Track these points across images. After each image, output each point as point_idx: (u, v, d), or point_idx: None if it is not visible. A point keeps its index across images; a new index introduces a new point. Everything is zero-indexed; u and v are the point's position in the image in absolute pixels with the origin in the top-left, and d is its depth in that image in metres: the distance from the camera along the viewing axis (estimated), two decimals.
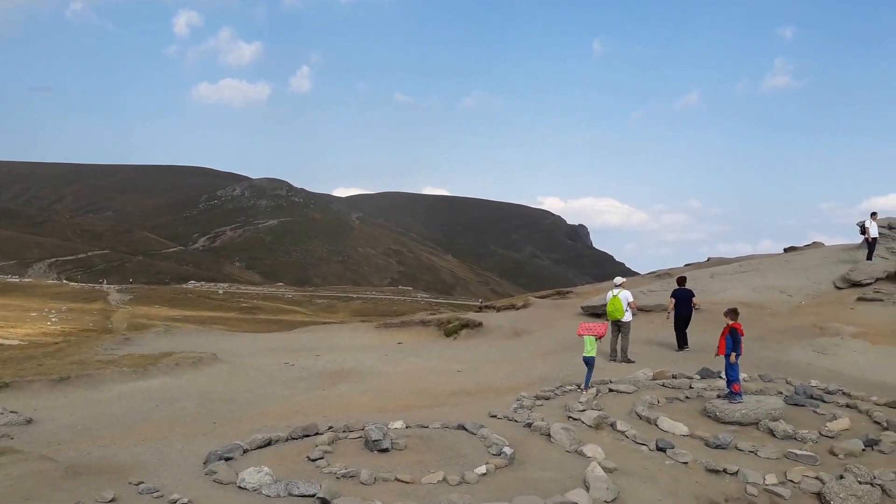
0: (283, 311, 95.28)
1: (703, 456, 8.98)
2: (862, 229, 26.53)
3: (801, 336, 17.75)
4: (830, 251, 31.07)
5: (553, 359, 16.17)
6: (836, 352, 16.01)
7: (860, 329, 18.45)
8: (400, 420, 10.14)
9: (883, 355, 15.92)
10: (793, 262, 29.48)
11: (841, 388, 12.58)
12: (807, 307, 22.61)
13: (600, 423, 10.16)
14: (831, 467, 8.68)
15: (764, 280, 26.29)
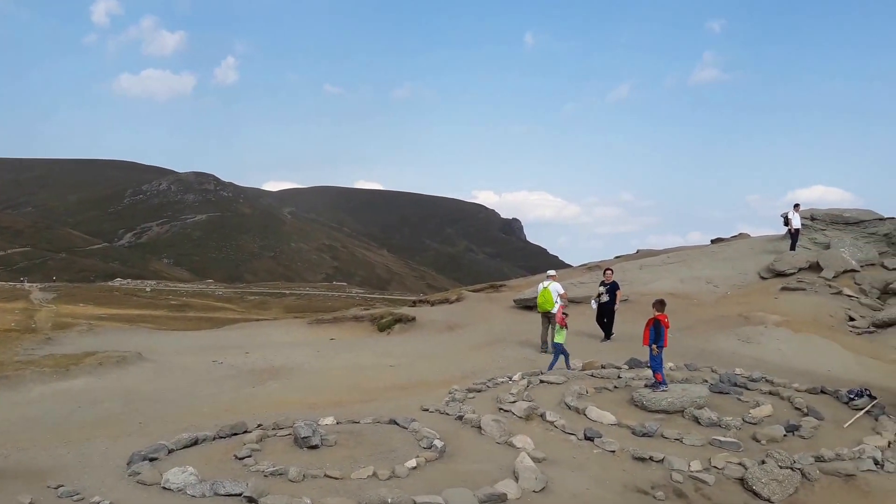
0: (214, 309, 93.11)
1: (630, 444, 9.10)
2: (786, 221, 27.54)
3: (726, 325, 18.25)
4: (756, 242, 32.16)
5: (486, 351, 16.19)
6: (759, 340, 16.51)
7: (783, 318, 19.09)
8: (331, 416, 9.97)
9: (805, 343, 16.50)
10: (719, 253, 30.38)
11: (764, 375, 12.94)
12: (732, 297, 23.31)
13: (530, 414, 10.20)
14: (754, 453, 8.91)
15: (691, 271, 27.01)
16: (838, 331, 18.88)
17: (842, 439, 9.56)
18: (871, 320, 20.02)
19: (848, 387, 12.08)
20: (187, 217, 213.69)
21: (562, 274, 31.30)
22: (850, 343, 17.41)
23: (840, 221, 29.84)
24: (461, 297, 25.69)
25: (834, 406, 11.26)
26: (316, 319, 24.26)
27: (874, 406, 10.88)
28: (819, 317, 19.84)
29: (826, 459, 8.71)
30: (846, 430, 10.05)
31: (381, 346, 18.13)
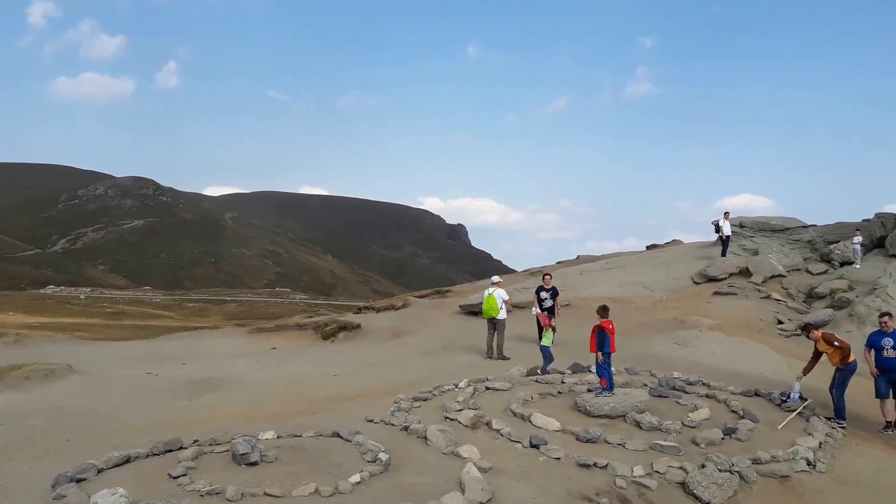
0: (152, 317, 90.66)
1: (574, 450, 9.18)
2: (716, 228, 28.45)
3: (663, 329, 18.66)
4: (688, 248, 33.07)
5: (432, 359, 16.15)
6: (695, 344, 16.94)
7: (717, 322, 19.66)
8: (271, 430, 9.74)
9: (737, 346, 17.01)
10: (654, 258, 31.12)
11: (701, 378, 13.28)
12: (668, 301, 23.87)
13: (476, 423, 10.21)
14: (694, 456, 9.11)
15: (628, 276, 27.57)
16: (768, 334, 19.55)
17: (776, 441, 9.88)
18: (798, 323, 20.81)
19: (779, 388, 12.53)
20: (124, 222, 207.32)
21: (507, 279, 31.55)
22: (780, 345, 18.04)
23: (767, 229, 30.97)
24: (407, 304, 25.60)
25: (767, 408, 11.64)
26: (257, 328, 23.78)
27: (805, 407, 11.28)
28: (750, 320, 20.51)
29: (762, 461, 8.98)
30: (780, 431, 10.39)
31: (325, 354, 17.88)
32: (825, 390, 12.37)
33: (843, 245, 27.34)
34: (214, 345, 21.31)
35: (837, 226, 30.73)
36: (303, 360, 17.03)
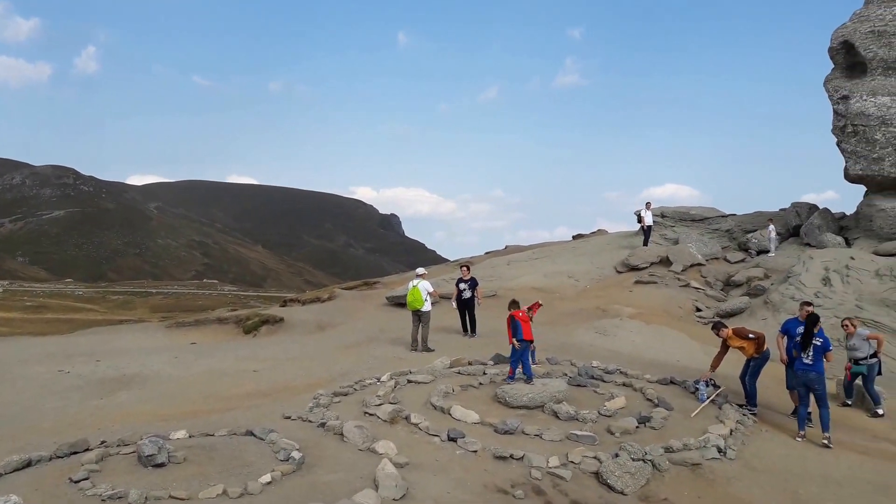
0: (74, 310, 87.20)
1: (492, 443, 9.18)
2: (639, 218, 29.13)
3: (585, 318, 18.97)
4: (613, 238, 33.76)
5: (356, 352, 15.94)
6: (615, 332, 17.26)
7: (637, 310, 20.10)
8: (183, 429, 9.40)
9: (656, 334, 17.42)
10: (580, 248, 31.65)
11: (619, 367, 13.52)
12: (591, 290, 24.30)
13: (395, 417, 10.10)
14: (609, 446, 9.22)
15: (554, 266, 27.95)
16: (686, 321, 20.12)
17: (689, 429, 10.11)
18: (716, 311, 21.51)
19: (695, 376, 12.83)
20: (44, 213, 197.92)
21: (437, 269, 31.53)
22: (697, 333, 18.58)
23: (687, 218, 31.94)
24: (333, 296, 25.25)
25: (682, 396, 11.92)
26: (176, 322, 22.99)
27: (718, 395, 11.60)
28: (669, 308, 21.07)
29: (675, 450, 9.15)
30: (693, 419, 10.64)
31: (246, 349, 17.43)
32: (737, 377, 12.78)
33: (760, 234, 28.42)
34: (131, 340, 20.51)
35: (755, 215, 31.90)
36: (222, 355, 16.55)
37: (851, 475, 9.19)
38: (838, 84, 26.83)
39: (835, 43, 27.38)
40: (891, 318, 18.19)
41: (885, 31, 25.47)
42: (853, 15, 27.37)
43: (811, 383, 10.36)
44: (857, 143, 25.61)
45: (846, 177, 26.48)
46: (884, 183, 25.15)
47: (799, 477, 9.04)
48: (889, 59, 25.24)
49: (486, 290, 23.66)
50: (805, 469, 9.28)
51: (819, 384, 10.35)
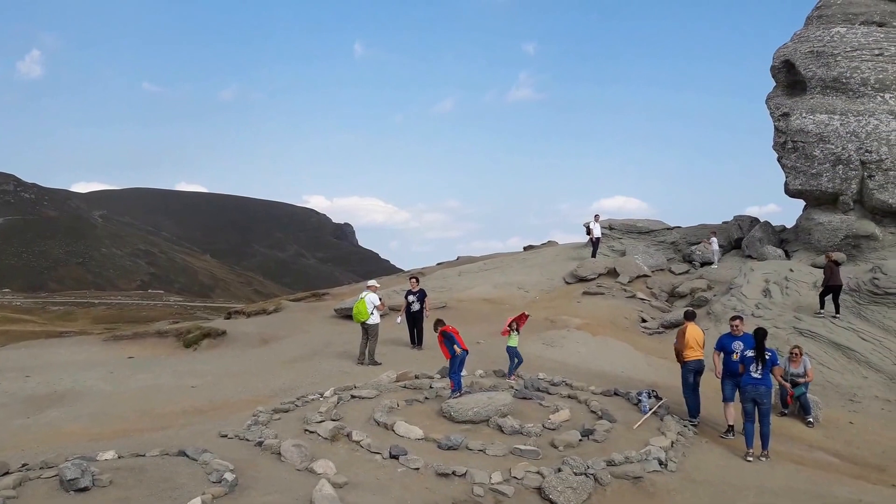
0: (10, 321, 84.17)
1: (435, 459, 9.04)
2: (587, 230, 29.45)
3: (534, 329, 18.95)
4: (562, 249, 34.04)
5: (300, 366, 15.61)
6: (562, 344, 17.30)
7: (584, 321, 20.22)
8: (112, 450, 8.98)
9: (602, 345, 17.52)
10: (530, 259, 31.82)
11: (565, 379, 13.53)
12: (541, 301, 24.40)
13: (336, 435, 9.87)
14: (552, 460, 9.17)
15: (505, 277, 28.02)
16: (632, 332, 20.33)
17: (632, 441, 10.13)
18: (661, 321, 21.81)
19: (639, 387, 12.93)
20: None
21: (388, 281, 31.30)
22: (642, 343, 18.78)
23: (634, 231, 32.41)
24: (280, 308, 24.78)
25: (626, 407, 11.97)
26: (113, 336, 22.25)
27: (660, 406, 11.69)
28: (615, 319, 21.26)
29: (616, 463, 9.15)
30: (636, 431, 10.68)
31: (185, 364, 16.91)
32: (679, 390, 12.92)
33: (704, 246, 28.97)
34: (65, 354, 19.73)
35: (699, 227, 32.54)
36: (160, 370, 16.03)
37: (787, 485, 9.32)
38: (779, 101, 27.61)
39: (776, 62, 28.20)
40: (826, 329, 18.65)
41: (824, 52, 26.31)
42: (794, 35, 28.25)
43: (760, 397, 10.34)
44: (796, 158, 26.34)
45: (786, 191, 27.20)
46: (821, 198, 25.90)
47: (736, 488, 9.13)
48: (827, 78, 26.06)
49: (437, 301, 23.56)
50: (743, 480, 9.39)
51: (767, 398, 10.40)
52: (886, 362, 16.92)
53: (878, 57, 25.50)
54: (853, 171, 24.74)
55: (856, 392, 15.97)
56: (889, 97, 24.90)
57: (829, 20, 27.32)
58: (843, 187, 25.00)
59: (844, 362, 17.26)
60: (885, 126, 24.45)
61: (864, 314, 19.19)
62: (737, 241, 30.01)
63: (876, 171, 24.24)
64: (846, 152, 24.85)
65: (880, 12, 26.77)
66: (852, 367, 17.04)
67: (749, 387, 10.41)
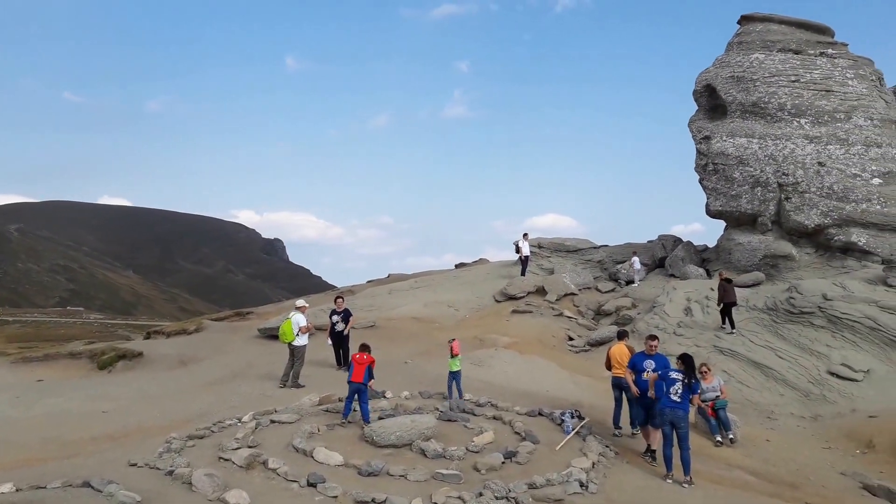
0: None
1: (354, 486, 8.78)
2: (517, 248, 29.67)
3: (463, 349, 18.74)
4: (493, 267, 34.21)
5: (219, 389, 15.06)
6: (490, 363, 17.25)
7: (513, 340, 20.26)
8: (10, 482, 8.40)
9: (529, 364, 17.55)
10: (461, 277, 31.85)
11: (490, 399, 13.46)
12: (470, 320, 24.37)
13: (252, 463, 9.50)
14: (474, 484, 9.03)
15: (435, 295, 27.91)
16: (559, 350, 20.48)
17: (554, 463, 10.09)
18: (587, 339, 22.08)
19: (563, 407, 12.96)
20: None
21: (317, 299, 30.76)
22: (568, 362, 18.92)
23: (562, 249, 32.91)
24: (201, 327, 23.96)
25: (549, 428, 11.97)
26: (23, 357, 21.04)
27: (583, 426, 11.72)
28: (543, 338, 21.40)
29: (538, 486, 9.07)
30: (558, 452, 10.66)
31: (98, 387, 16.08)
32: (603, 408, 13.03)
33: (628, 265, 29.57)
34: None
35: (625, 246, 33.26)
36: (70, 393, 15.20)
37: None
38: (701, 125, 28.58)
39: (699, 86, 29.22)
40: (745, 347, 19.22)
41: (744, 77, 27.42)
42: (716, 60, 29.37)
43: (678, 420, 10.32)
44: (717, 180, 27.25)
45: (707, 212, 28.08)
46: (741, 219, 26.84)
47: None
48: (747, 102, 27.14)
49: (365, 320, 23.25)
50: (661, 500, 9.44)
51: (685, 422, 10.37)
52: (802, 380, 17.52)
53: (795, 83, 26.73)
54: (771, 193, 25.74)
55: (773, 409, 16.45)
56: (804, 122, 26.08)
57: (748, 47, 28.53)
58: (761, 209, 25.96)
59: (762, 380, 17.79)
60: (801, 150, 25.58)
61: (780, 332, 19.87)
62: (661, 259, 30.76)
63: (792, 193, 25.27)
64: (764, 175, 25.86)
65: (796, 40, 28.13)
66: (770, 385, 17.57)
67: (667, 409, 10.43)
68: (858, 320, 19.06)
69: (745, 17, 30.20)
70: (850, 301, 19.93)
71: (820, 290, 20.67)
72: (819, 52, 27.82)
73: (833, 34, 29.19)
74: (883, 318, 18.93)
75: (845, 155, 25.26)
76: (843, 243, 24.27)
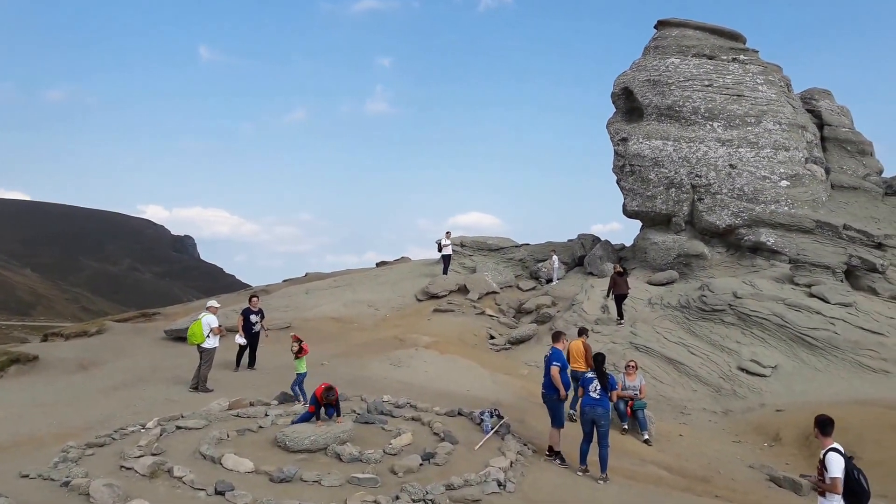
0: None
1: (265, 494, 8.37)
2: (439, 247, 29.53)
3: (382, 349, 18.56)
4: (415, 265, 33.97)
5: (122, 394, 14.22)
6: (410, 363, 16.99)
7: (433, 339, 20.06)
8: None
9: (449, 364, 17.38)
10: (382, 276, 31.45)
11: (409, 400, 13.21)
12: (391, 320, 24.05)
13: (155, 471, 8.95)
14: (391, 487, 8.77)
15: (355, 294, 27.45)
16: (480, 349, 20.43)
17: (472, 463, 9.94)
18: (508, 338, 22.13)
19: (483, 406, 12.84)
20: None
21: (229, 299, 29.71)
22: (489, 360, 18.87)
23: (485, 248, 33.03)
24: (103, 329, 22.67)
25: (469, 428, 11.84)
26: None
27: (501, 426, 11.62)
28: (464, 336, 21.31)
29: (455, 487, 8.90)
30: (477, 452, 10.51)
31: None
32: (522, 407, 12.99)
33: (549, 263, 29.92)
34: None
35: (546, 245, 33.66)
36: None
37: (619, 501, 9.49)
38: (619, 127, 29.19)
39: (616, 89, 29.85)
40: (660, 344, 19.68)
41: (660, 81, 28.17)
42: (633, 64, 30.06)
43: (598, 418, 10.40)
44: (633, 181, 27.89)
45: (624, 212, 28.72)
46: (656, 219, 27.55)
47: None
48: (662, 106, 27.88)
49: (281, 321, 22.57)
50: (578, 498, 9.46)
51: (605, 419, 10.46)
52: (713, 376, 18.06)
53: (708, 87, 27.65)
54: (685, 195, 26.52)
55: (686, 405, 16.87)
56: (717, 125, 27.00)
57: (664, 51, 29.34)
58: (675, 209, 26.73)
59: (676, 376, 18.24)
60: (714, 152, 26.47)
61: (693, 329, 20.46)
62: (580, 258, 31.26)
63: (705, 194, 26.12)
64: (678, 176, 26.62)
65: (710, 46, 29.11)
66: (683, 381, 18.03)
67: (587, 407, 10.52)
68: (767, 317, 19.83)
69: (661, 22, 31.04)
70: (758, 299, 20.73)
71: (730, 289, 21.43)
72: (731, 58, 28.87)
73: (745, 41, 30.35)
74: (790, 315, 19.77)
75: (755, 158, 26.30)
76: (752, 243, 25.24)
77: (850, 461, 7.29)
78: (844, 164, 29.61)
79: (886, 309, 21.24)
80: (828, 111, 30.92)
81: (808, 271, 23.44)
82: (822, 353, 18.63)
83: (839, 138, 30.14)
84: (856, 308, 20.62)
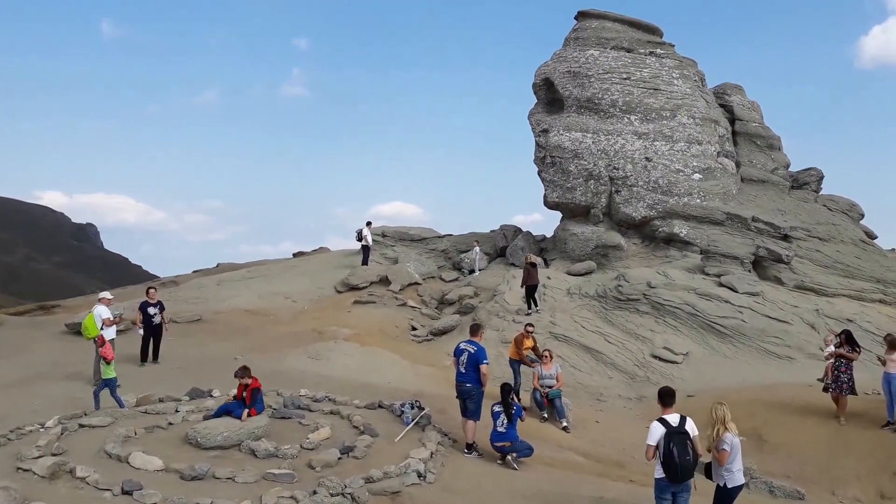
0: None
1: (176, 492, 8.01)
2: (359, 237, 29.18)
3: (299, 342, 18.15)
4: (334, 256, 33.47)
5: (18, 392, 13.38)
6: (329, 356, 16.67)
7: (354, 331, 19.79)
8: None
9: (370, 356, 17.17)
10: (299, 267, 30.87)
11: (328, 394, 12.96)
12: (310, 312, 23.59)
13: (56, 472, 8.44)
14: (308, 482, 8.55)
15: (270, 286, 26.82)
16: (402, 340, 20.30)
17: (392, 455, 9.80)
18: (430, 329, 22.09)
19: (404, 398, 12.71)
20: None
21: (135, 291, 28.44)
22: (411, 352, 18.77)
23: (407, 238, 32.82)
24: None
25: (389, 420, 11.70)
26: None
27: (422, 417, 11.53)
28: (386, 328, 21.13)
29: (375, 479, 8.76)
30: (397, 444, 10.39)
31: None
32: (444, 397, 12.94)
33: (471, 254, 30.00)
34: None
35: (469, 235, 33.69)
36: None
37: (537, 488, 9.56)
38: (540, 118, 29.45)
39: (538, 79, 30.08)
40: (578, 332, 20.05)
41: (580, 73, 28.54)
42: (553, 55, 30.33)
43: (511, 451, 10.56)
44: (554, 173, 28.23)
45: (545, 203, 29.05)
46: (576, 210, 27.99)
47: (491, 495, 9.19)
48: (582, 98, 28.28)
49: (191, 313, 21.73)
50: (497, 486, 9.49)
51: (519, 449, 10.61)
52: (628, 363, 18.53)
53: (626, 81, 28.21)
54: (603, 187, 27.04)
55: (602, 392, 17.25)
56: (634, 118, 27.60)
57: (584, 43, 29.73)
58: (594, 201, 27.21)
59: (593, 364, 18.63)
60: (631, 145, 27.07)
61: (610, 318, 20.94)
62: (502, 249, 31.46)
63: (622, 186, 26.70)
64: (597, 168, 27.11)
65: (629, 39, 29.68)
66: (599, 369, 18.43)
67: (497, 443, 10.62)
68: (679, 306, 20.49)
69: (581, 13, 31.36)
70: (671, 288, 21.39)
71: (645, 279, 22.02)
72: (649, 51, 29.52)
73: (662, 34, 30.98)
74: (700, 304, 20.49)
75: (670, 151, 27.05)
76: (666, 234, 25.99)
77: (674, 434, 7.83)
78: (754, 158, 30.77)
79: (791, 298, 22.32)
80: (739, 106, 32.04)
81: (719, 262, 24.35)
82: (731, 341, 19.40)
83: (749, 133, 31.26)
84: (763, 297, 21.58)
